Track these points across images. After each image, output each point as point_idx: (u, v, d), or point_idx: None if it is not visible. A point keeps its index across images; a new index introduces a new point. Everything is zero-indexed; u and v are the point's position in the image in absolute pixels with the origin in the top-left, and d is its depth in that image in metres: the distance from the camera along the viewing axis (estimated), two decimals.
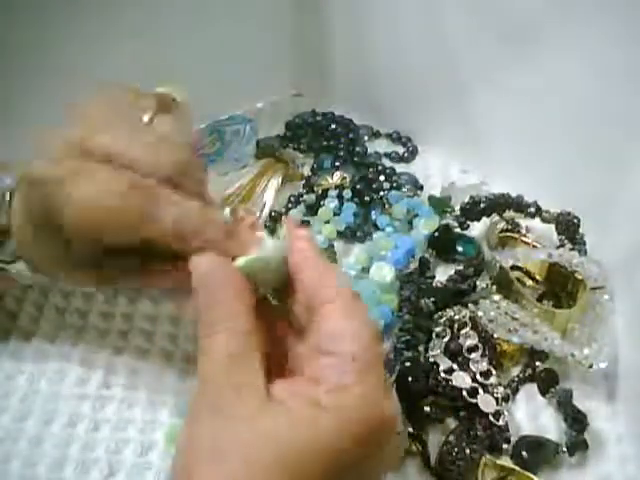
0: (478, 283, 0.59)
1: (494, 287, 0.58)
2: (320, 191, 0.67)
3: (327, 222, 0.65)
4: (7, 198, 0.46)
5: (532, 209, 0.63)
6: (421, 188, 0.69)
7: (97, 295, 0.59)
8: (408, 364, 0.53)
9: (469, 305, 0.57)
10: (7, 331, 0.56)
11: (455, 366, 0.53)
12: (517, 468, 0.49)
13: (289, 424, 0.34)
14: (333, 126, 0.74)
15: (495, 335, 0.55)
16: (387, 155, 0.74)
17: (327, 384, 0.35)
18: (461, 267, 0.61)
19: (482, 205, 0.63)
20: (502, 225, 0.64)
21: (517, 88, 0.64)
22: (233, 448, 0.33)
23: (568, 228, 0.61)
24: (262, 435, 0.33)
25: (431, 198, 0.67)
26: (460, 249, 0.63)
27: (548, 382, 0.54)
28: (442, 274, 0.61)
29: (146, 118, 0.44)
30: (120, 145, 0.41)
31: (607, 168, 0.58)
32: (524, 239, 0.63)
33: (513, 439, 0.51)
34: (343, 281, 0.40)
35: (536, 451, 0.50)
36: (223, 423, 0.34)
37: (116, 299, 0.59)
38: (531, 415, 0.54)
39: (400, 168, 0.72)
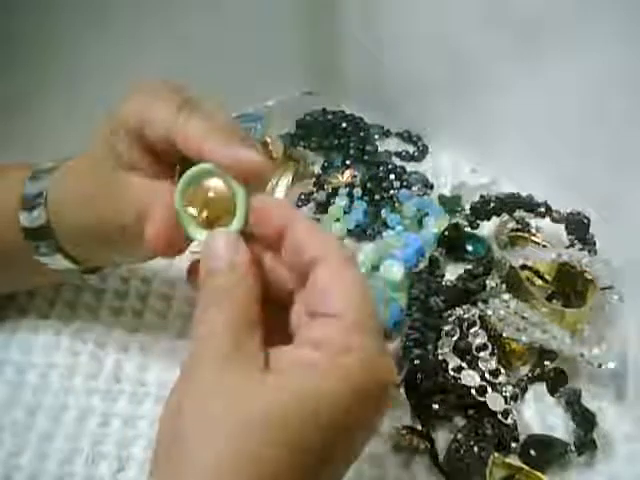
0: (487, 282, 0.59)
1: (503, 286, 0.57)
2: (330, 189, 0.68)
3: (337, 220, 0.65)
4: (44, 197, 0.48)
5: (542, 209, 0.63)
6: (431, 187, 0.69)
7: (107, 290, 0.59)
8: (417, 362, 0.53)
9: (478, 304, 0.57)
10: (17, 324, 0.57)
11: (464, 364, 0.53)
12: (525, 467, 0.49)
13: (287, 394, 0.33)
14: (344, 125, 0.74)
15: (504, 334, 0.55)
16: (397, 154, 0.74)
17: (327, 348, 0.35)
18: (471, 266, 0.61)
19: (492, 204, 0.63)
20: (512, 224, 0.64)
21: (528, 88, 0.64)
22: (228, 419, 0.33)
23: (578, 228, 0.61)
24: (258, 408, 0.33)
25: (441, 197, 0.68)
26: (470, 248, 0.63)
27: (557, 381, 0.54)
28: (452, 273, 0.62)
29: None
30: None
31: (617, 168, 0.59)
32: (534, 239, 0.63)
33: (521, 438, 0.51)
34: (332, 240, 0.40)
35: (544, 450, 0.50)
36: (217, 394, 0.34)
37: (127, 294, 0.59)
38: (540, 414, 0.54)
39: (410, 167, 0.72)
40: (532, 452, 0.50)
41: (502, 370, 0.53)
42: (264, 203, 0.39)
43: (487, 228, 0.65)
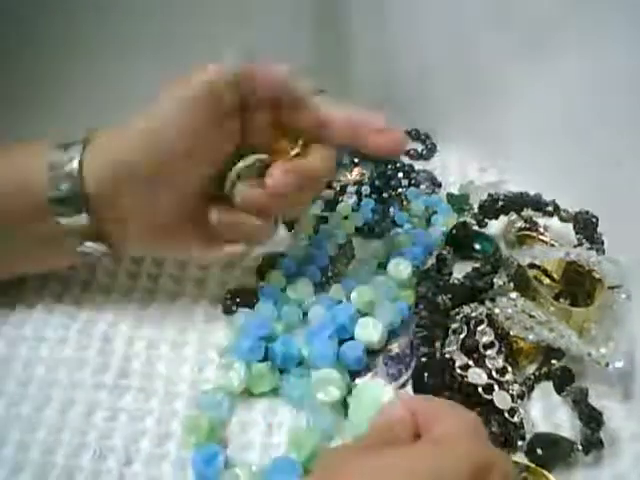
0: (495, 281, 0.58)
1: (511, 285, 0.57)
2: (339, 187, 0.68)
3: (345, 218, 0.65)
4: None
5: (550, 208, 0.63)
6: (439, 185, 0.70)
7: (114, 285, 0.60)
8: (424, 360, 0.53)
9: (486, 302, 0.57)
10: (25, 318, 0.57)
11: (471, 363, 0.53)
12: (532, 465, 0.49)
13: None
14: None
15: (511, 332, 0.55)
16: (406, 152, 0.74)
17: None
18: (478, 264, 0.61)
19: (500, 203, 0.63)
20: (520, 223, 0.64)
21: (536, 87, 0.64)
22: None
23: (586, 227, 0.61)
24: None
25: (449, 195, 0.68)
26: (478, 247, 0.63)
27: (564, 380, 0.54)
28: (459, 271, 0.61)
29: None
30: None
31: (626, 167, 0.58)
32: (542, 237, 0.63)
33: (528, 436, 0.51)
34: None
35: (551, 449, 0.50)
36: None
37: (135, 282, 0.60)
38: (546, 413, 0.53)
39: (419, 165, 0.72)
40: (538, 450, 0.50)
41: (509, 368, 0.53)
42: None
43: (495, 227, 0.65)
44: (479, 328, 0.54)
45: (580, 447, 0.50)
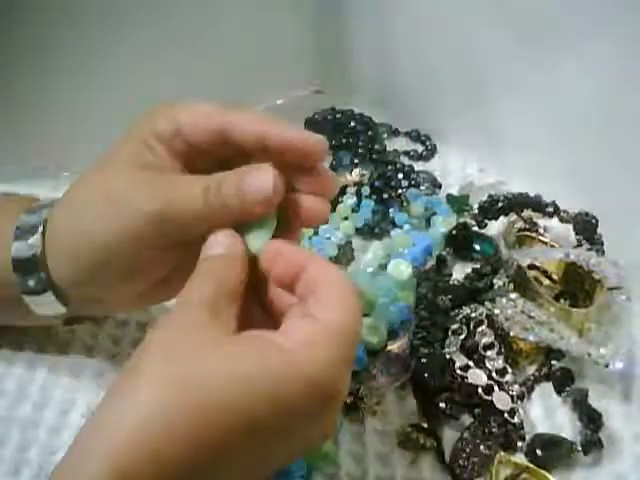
0: (495, 281, 0.59)
1: (511, 285, 0.58)
2: (339, 188, 0.67)
3: (345, 219, 0.65)
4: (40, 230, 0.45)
5: (550, 209, 0.63)
6: (439, 186, 0.69)
7: None
8: (424, 360, 0.53)
9: (486, 303, 0.57)
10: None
11: (471, 363, 0.53)
12: (531, 465, 0.49)
13: (245, 352, 0.35)
14: (352, 123, 0.74)
15: (511, 333, 0.55)
16: (406, 153, 0.74)
17: (296, 337, 0.36)
18: (478, 265, 0.61)
19: (500, 204, 0.63)
20: (520, 224, 0.64)
21: (536, 87, 0.64)
22: (187, 357, 0.35)
23: (586, 228, 0.61)
24: (217, 355, 0.35)
25: (449, 196, 0.68)
26: (477, 247, 0.63)
27: (564, 381, 0.54)
28: (459, 272, 0.62)
29: None
30: None
31: (626, 168, 0.59)
32: (541, 238, 0.63)
33: (528, 437, 0.51)
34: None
35: (551, 449, 0.50)
36: (184, 336, 0.36)
37: None
38: (546, 413, 0.54)
39: (419, 166, 0.72)
40: (538, 451, 0.50)
41: (509, 369, 0.53)
42: (280, 248, 0.40)
43: (495, 227, 0.65)
44: (479, 329, 0.54)
45: (580, 448, 0.50)
